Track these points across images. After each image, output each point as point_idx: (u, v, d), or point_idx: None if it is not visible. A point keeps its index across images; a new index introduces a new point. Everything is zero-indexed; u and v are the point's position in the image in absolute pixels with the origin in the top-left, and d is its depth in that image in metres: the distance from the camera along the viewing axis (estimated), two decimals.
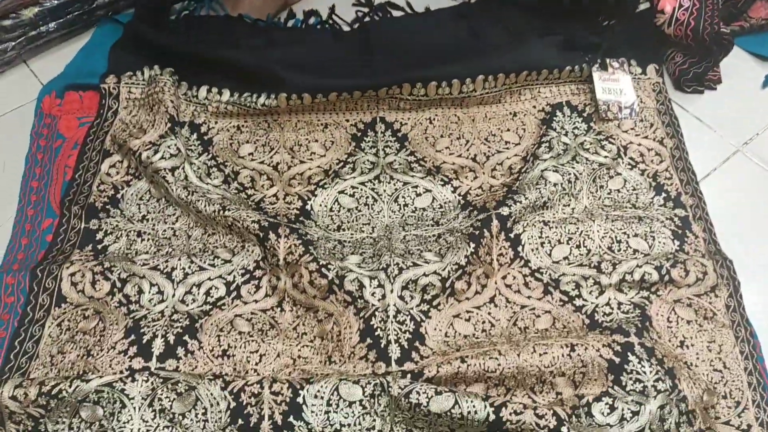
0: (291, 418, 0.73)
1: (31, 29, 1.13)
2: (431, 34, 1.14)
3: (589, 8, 1.10)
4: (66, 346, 0.82)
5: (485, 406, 0.72)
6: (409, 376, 0.76)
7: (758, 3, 1.15)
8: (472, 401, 0.72)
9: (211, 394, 0.75)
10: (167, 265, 0.88)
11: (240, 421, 0.74)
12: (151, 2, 1.14)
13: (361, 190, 0.97)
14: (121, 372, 0.78)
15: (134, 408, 0.74)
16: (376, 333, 0.81)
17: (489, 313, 0.85)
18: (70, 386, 0.74)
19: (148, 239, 0.93)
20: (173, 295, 0.86)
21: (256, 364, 0.81)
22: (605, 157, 1.00)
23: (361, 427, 0.74)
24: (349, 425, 0.74)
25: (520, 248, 0.90)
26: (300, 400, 0.74)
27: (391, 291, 0.84)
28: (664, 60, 1.13)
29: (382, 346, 0.80)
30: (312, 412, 0.74)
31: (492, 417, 0.72)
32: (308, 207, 0.96)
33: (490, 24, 1.14)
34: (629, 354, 0.77)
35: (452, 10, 1.19)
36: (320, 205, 0.96)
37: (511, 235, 0.90)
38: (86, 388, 0.75)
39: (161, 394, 0.75)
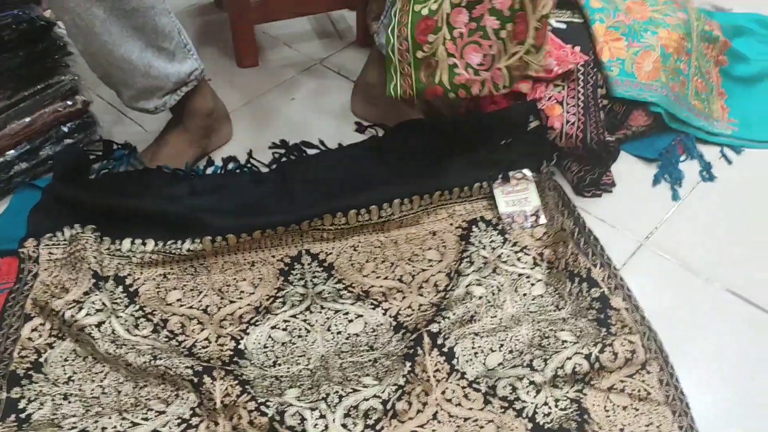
0: None
1: None
2: (346, 167, 1.20)
3: (487, 130, 1.20)
4: None
5: None
6: None
7: (635, 113, 1.28)
8: None
9: None
10: (97, 426, 0.85)
11: None
12: (69, 164, 1.17)
13: (293, 322, 0.98)
14: None
15: None
16: None
17: (434, 430, 0.85)
18: None
19: (75, 401, 0.89)
20: None
21: None
22: (522, 268, 1.06)
23: None
24: None
25: (455, 361, 0.91)
26: None
27: (334, 420, 0.83)
28: (564, 170, 1.22)
29: None
30: None
31: None
32: (242, 346, 0.95)
33: (400, 153, 1.21)
34: None
35: (363, 144, 1.26)
36: (254, 343, 0.96)
37: (445, 350, 0.92)
38: None
39: None
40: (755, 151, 1.31)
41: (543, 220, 1.12)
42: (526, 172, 1.16)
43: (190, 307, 1.00)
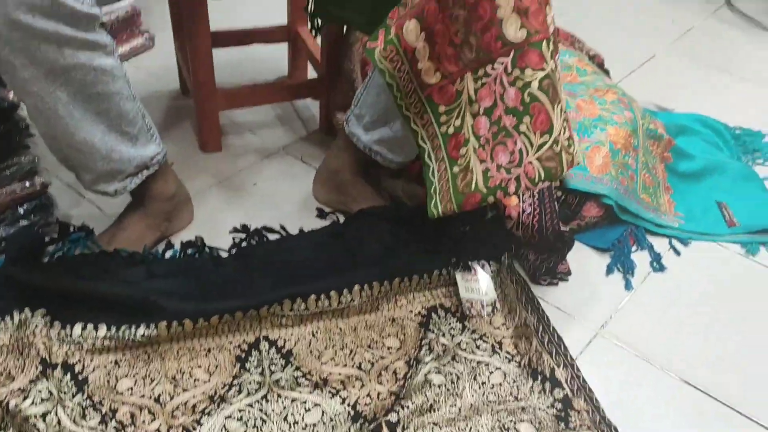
0: None
1: None
2: (307, 253, 1.20)
3: (447, 218, 1.22)
4: None
5: None
6: None
7: (588, 204, 1.32)
8: None
9: None
10: None
11: None
12: (23, 246, 1.14)
13: (249, 412, 0.95)
14: None
15: None
16: None
17: None
18: None
19: None
20: None
21: None
22: (481, 356, 1.06)
23: None
24: None
25: None
26: None
27: None
28: (521, 258, 1.25)
29: None
30: None
31: None
32: None
33: (362, 240, 1.22)
34: None
35: (325, 230, 1.28)
36: None
37: None
38: None
39: None
40: (701, 243, 1.36)
41: (499, 311, 1.13)
42: (485, 263, 1.18)
43: (142, 396, 0.97)
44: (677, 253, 1.33)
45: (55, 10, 0.89)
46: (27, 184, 1.19)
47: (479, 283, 1.16)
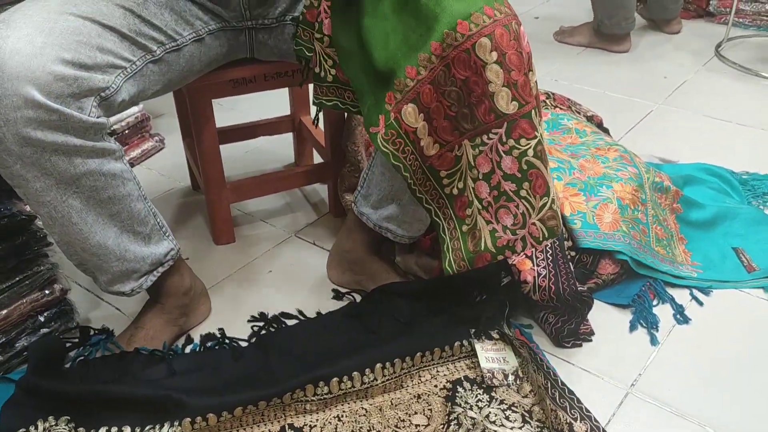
0: None
1: None
2: (326, 335, 1.20)
3: (462, 288, 1.22)
4: None
5: None
6: None
7: (603, 262, 1.32)
8: None
9: None
10: None
11: None
12: (44, 354, 1.15)
13: None
14: None
15: None
16: None
17: None
18: None
19: None
20: None
21: None
22: (512, 428, 1.03)
23: None
24: None
25: None
26: None
27: None
28: (542, 322, 1.23)
29: None
30: None
31: None
32: None
33: (379, 318, 1.22)
34: None
35: (342, 311, 1.28)
36: None
37: None
38: None
39: None
40: (722, 291, 1.34)
41: (521, 379, 1.11)
42: (505, 330, 1.17)
43: None
44: (700, 303, 1.31)
45: (64, 123, 0.92)
46: (47, 291, 1.20)
47: (500, 352, 1.15)
